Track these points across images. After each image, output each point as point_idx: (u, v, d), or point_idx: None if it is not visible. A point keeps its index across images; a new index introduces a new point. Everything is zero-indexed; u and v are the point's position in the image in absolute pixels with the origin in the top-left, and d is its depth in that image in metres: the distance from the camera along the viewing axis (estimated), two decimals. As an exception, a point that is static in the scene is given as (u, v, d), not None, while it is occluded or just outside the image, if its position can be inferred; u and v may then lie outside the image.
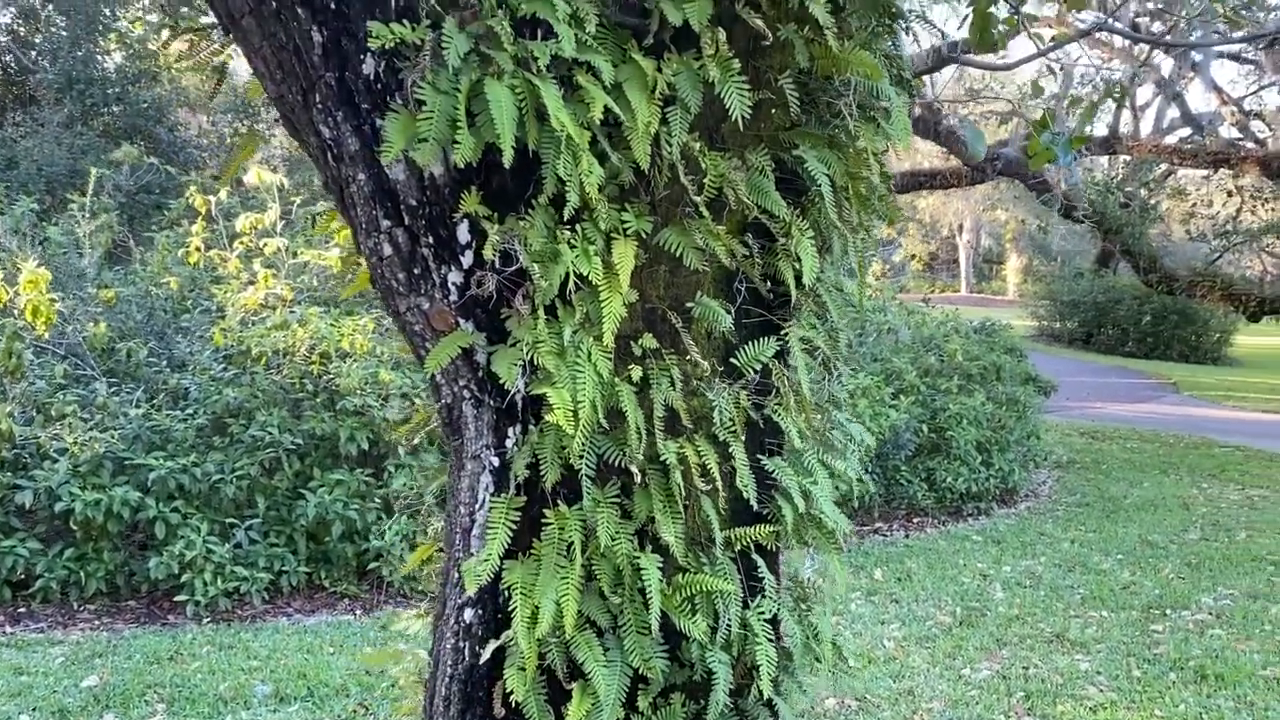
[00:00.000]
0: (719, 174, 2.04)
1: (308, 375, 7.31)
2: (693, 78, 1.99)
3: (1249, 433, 14.22)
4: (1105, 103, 10.83)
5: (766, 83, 2.10)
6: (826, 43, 2.00)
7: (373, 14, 1.89)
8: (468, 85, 1.82)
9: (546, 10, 1.87)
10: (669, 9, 1.94)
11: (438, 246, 2.02)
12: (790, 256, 2.19)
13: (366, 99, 1.93)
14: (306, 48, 1.91)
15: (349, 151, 1.98)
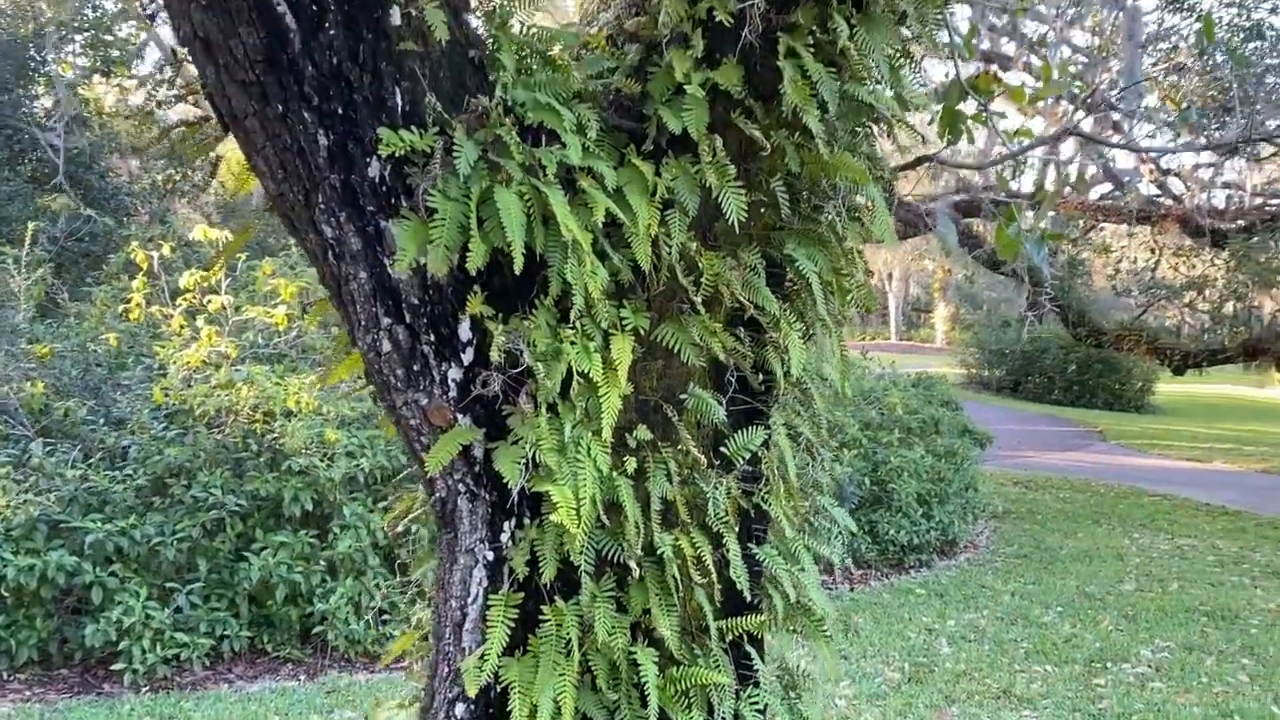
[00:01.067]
0: (715, 273, 2.09)
1: (251, 434, 7.18)
2: (690, 182, 2.04)
3: (1175, 481, 14.65)
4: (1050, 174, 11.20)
5: (758, 184, 2.17)
6: (816, 149, 2.07)
7: (379, 119, 1.91)
8: (478, 193, 1.85)
9: (553, 120, 1.91)
10: (669, 117, 2.00)
11: (439, 344, 2.04)
12: (779, 349, 2.24)
13: (372, 201, 1.94)
14: (312, 150, 1.92)
15: (351, 250, 1.99)
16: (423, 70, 1.94)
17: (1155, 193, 15.42)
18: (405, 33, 1.91)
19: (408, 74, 1.93)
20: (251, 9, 1.81)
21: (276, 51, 1.84)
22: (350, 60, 1.87)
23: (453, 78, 2.02)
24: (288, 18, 1.82)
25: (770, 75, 2.09)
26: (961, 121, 2.63)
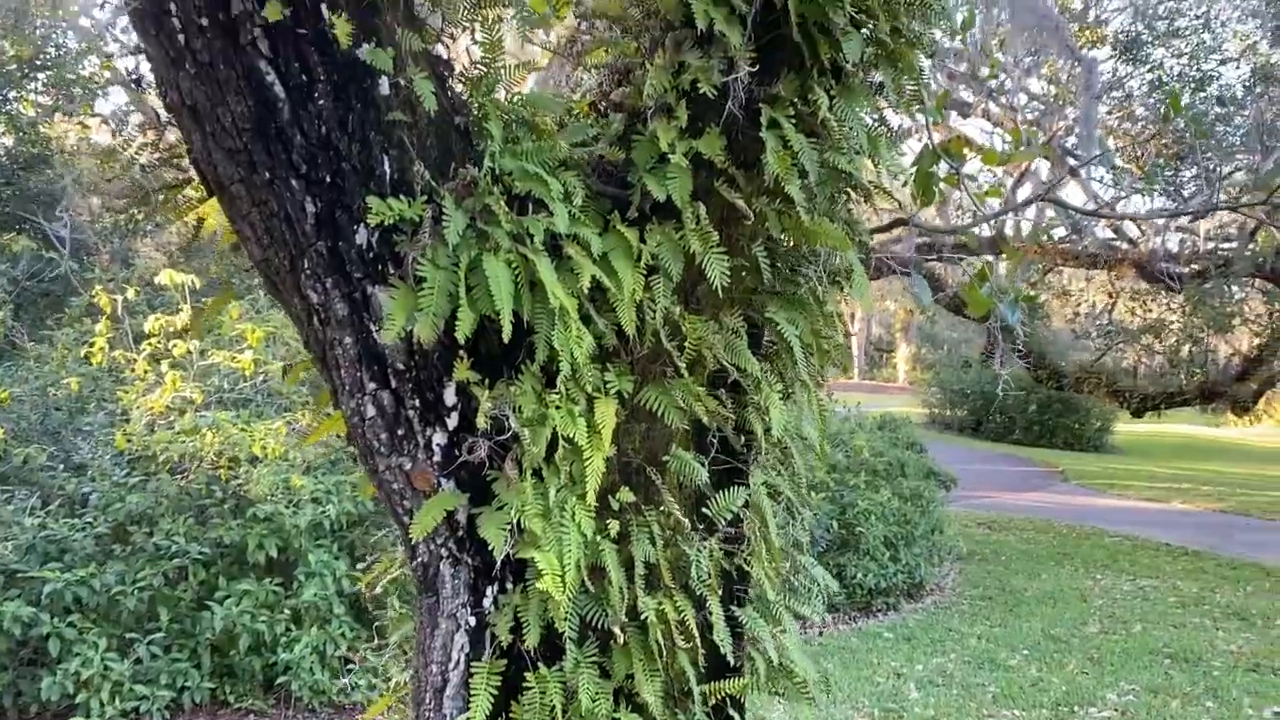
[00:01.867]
0: (698, 337, 2.12)
1: (215, 481, 7.09)
2: (674, 248, 2.07)
3: (1135, 521, 14.81)
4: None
5: (739, 249, 2.20)
6: (797, 216, 2.11)
7: (368, 187, 1.92)
8: (466, 261, 1.86)
9: (541, 189, 1.93)
10: (654, 186, 2.03)
11: (423, 409, 2.03)
12: (760, 409, 2.26)
13: (359, 267, 1.95)
14: (299, 217, 1.92)
15: (337, 316, 1.99)
16: (410, 139, 1.96)
17: (1111, 236, 15.74)
18: (394, 102, 1.93)
19: (396, 143, 1.94)
20: (240, 79, 1.82)
21: (265, 120, 1.85)
22: (339, 129, 1.88)
23: (439, 145, 2.03)
24: (277, 87, 1.83)
25: (751, 144, 2.13)
26: (935, 184, 2.68)
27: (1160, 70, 14.96)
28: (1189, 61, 15.22)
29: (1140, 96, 15.62)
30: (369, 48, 1.85)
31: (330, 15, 1.81)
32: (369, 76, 1.89)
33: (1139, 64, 15.15)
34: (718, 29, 1.99)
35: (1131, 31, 14.91)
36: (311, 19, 1.81)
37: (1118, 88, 15.47)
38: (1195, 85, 15.00)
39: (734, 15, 2.02)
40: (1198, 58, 15.43)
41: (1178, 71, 15.21)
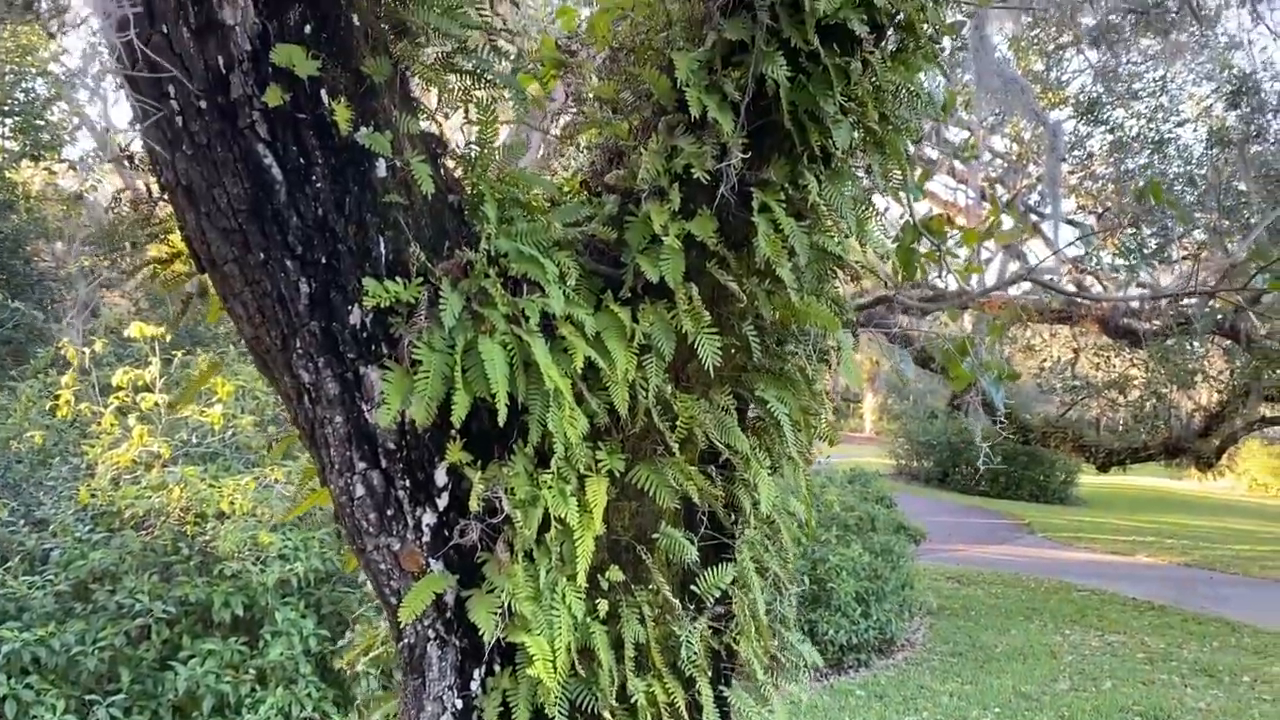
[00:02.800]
0: (689, 416, 2.12)
1: (182, 537, 6.97)
2: (666, 328, 2.08)
3: (1102, 575, 14.90)
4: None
5: (729, 328, 2.21)
6: (788, 296, 2.13)
7: (363, 268, 1.92)
8: (462, 344, 1.86)
9: (537, 271, 1.94)
10: (647, 267, 2.04)
11: (414, 489, 2.02)
12: (749, 486, 2.27)
13: (352, 348, 1.94)
14: (292, 297, 1.92)
15: (328, 395, 1.98)
16: (406, 220, 1.97)
17: (1074, 291, 15.99)
18: (390, 184, 1.94)
19: (391, 224, 1.95)
20: (238, 160, 1.83)
21: (261, 202, 1.85)
22: (336, 211, 1.89)
23: (434, 225, 2.04)
24: (274, 170, 1.84)
25: (742, 225, 2.16)
26: (916, 260, 2.72)
27: (1121, 131, 15.36)
28: (1148, 123, 15.62)
29: (1101, 156, 15.97)
30: (368, 132, 1.86)
31: (330, 101, 1.82)
32: (366, 159, 1.90)
33: (1099, 124, 15.51)
34: (710, 115, 2.02)
35: (1092, 93, 15.27)
36: (311, 104, 1.82)
37: (1078, 147, 15.81)
38: (1154, 146, 15.40)
39: (725, 102, 2.05)
40: (1155, 119, 15.83)
41: (1136, 132, 15.62)
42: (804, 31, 2.00)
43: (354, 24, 1.89)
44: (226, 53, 1.76)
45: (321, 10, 1.82)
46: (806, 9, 1.97)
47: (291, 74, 1.77)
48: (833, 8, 1.96)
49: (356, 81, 1.88)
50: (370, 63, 1.88)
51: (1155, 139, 15.41)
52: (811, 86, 2.05)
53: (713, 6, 2.05)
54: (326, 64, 1.81)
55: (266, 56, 1.77)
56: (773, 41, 2.02)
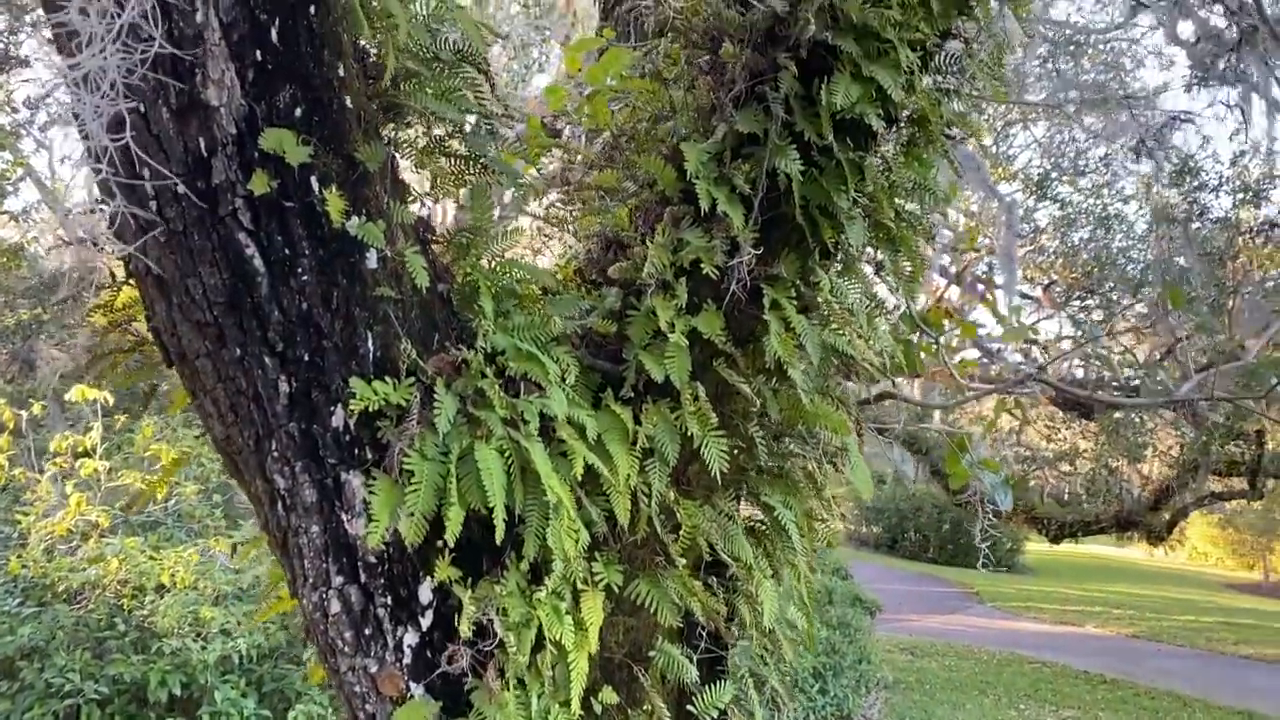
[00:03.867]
0: (693, 525, 1.99)
1: (118, 611, 6.62)
2: (671, 430, 1.96)
3: (1053, 647, 14.86)
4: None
5: (734, 428, 2.09)
6: (797, 397, 2.02)
7: (349, 366, 1.78)
8: (458, 451, 1.72)
9: (537, 369, 1.81)
10: (651, 365, 1.92)
11: (395, 606, 1.85)
12: (750, 598, 2.13)
13: (334, 452, 1.79)
14: (270, 396, 1.76)
15: (304, 503, 1.82)
16: (396, 313, 1.83)
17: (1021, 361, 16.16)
18: (381, 276, 1.80)
19: (381, 318, 1.81)
20: (217, 250, 1.68)
21: (240, 294, 1.70)
22: (322, 306, 1.74)
23: (423, 317, 1.91)
24: (257, 261, 1.69)
25: (748, 321, 2.05)
26: (914, 354, 2.64)
27: (1070, 206, 15.70)
28: (1094, 199, 16.01)
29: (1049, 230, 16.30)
30: (359, 221, 1.73)
31: (320, 189, 1.69)
32: (357, 250, 1.77)
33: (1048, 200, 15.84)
34: (720, 209, 1.92)
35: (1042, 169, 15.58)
36: (300, 192, 1.69)
37: (1026, 220, 16.12)
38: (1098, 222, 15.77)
39: (735, 195, 1.95)
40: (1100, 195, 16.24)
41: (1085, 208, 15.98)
42: (819, 125, 1.92)
43: (346, 106, 1.76)
44: (209, 135, 1.62)
45: (314, 92, 1.69)
46: (823, 103, 1.89)
47: (279, 159, 1.64)
48: (849, 102, 1.88)
49: (348, 168, 1.75)
50: (364, 149, 1.75)
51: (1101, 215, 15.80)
52: (825, 181, 1.96)
53: (724, 97, 1.96)
54: (317, 149, 1.68)
55: (252, 140, 1.64)
56: (785, 135, 1.94)
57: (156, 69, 1.56)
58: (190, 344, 1.77)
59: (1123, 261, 15.75)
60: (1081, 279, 15.77)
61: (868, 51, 1.92)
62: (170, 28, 1.55)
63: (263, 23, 1.62)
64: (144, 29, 1.44)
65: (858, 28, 1.91)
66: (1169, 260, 15.26)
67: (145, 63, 1.44)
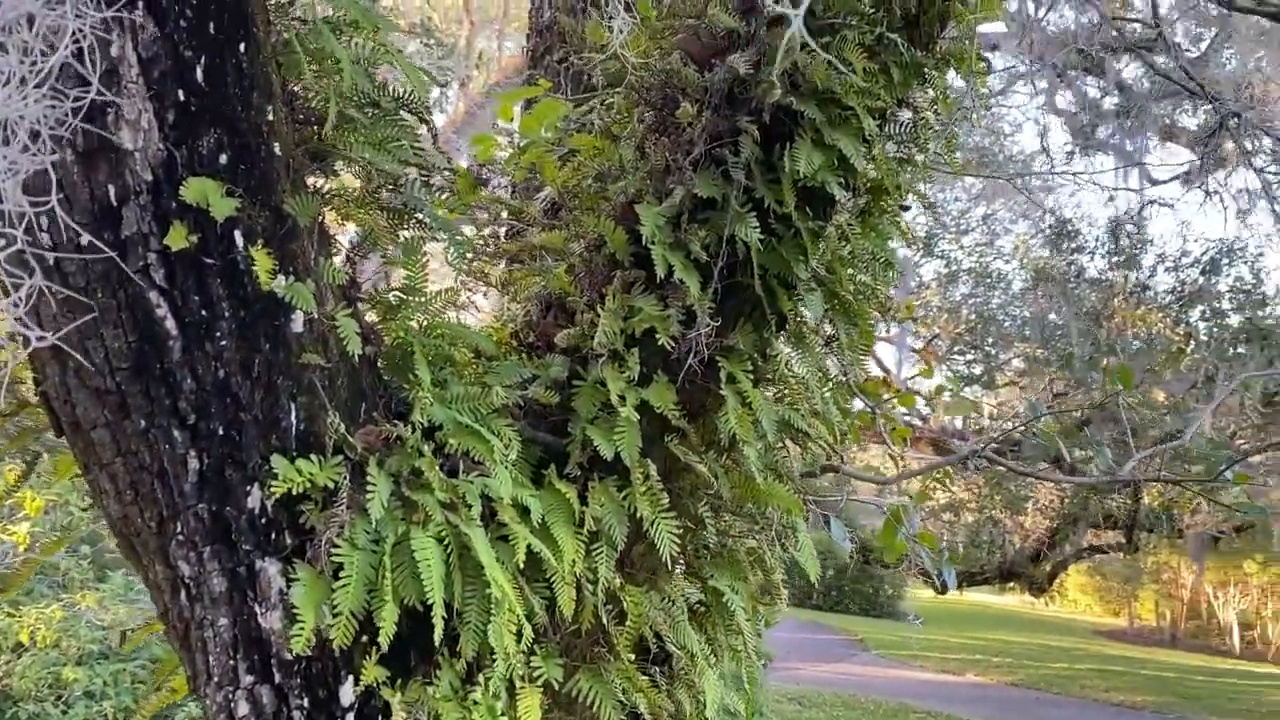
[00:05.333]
0: (639, 613, 1.85)
1: (-32, 674, 6.09)
2: (619, 511, 1.82)
3: (937, 695, 15.05)
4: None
5: (683, 508, 1.97)
6: (750, 474, 1.91)
7: (269, 441, 1.59)
8: (392, 539, 1.55)
9: (480, 446, 1.66)
10: (601, 441, 1.79)
11: (313, 708, 1.66)
12: (692, 688, 2.00)
13: (248, 537, 1.60)
14: (177, 473, 1.57)
15: (212, 592, 1.62)
16: (322, 381, 1.66)
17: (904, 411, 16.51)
18: (307, 341, 1.63)
19: (306, 388, 1.63)
20: (123, 309, 1.49)
21: (148, 360, 1.51)
22: (241, 374, 1.56)
23: (350, 385, 1.74)
24: (169, 322, 1.50)
25: (698, 393, 1.94)
26: (850, 421, 2.57)
27: (953, 264, 16.22)
28: (977, 259, 16.58)
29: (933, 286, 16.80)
30: (286, 281, 1.56)
31: (245, 244, 1.51)
32: (282, 313, 1.59)
33: (933, 257, 16.34)
34: (677, 276, 1.81)
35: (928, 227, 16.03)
36: (221, 247, 1.51)
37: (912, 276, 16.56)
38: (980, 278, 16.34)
39: (691, 261, 1.85)
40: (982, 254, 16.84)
41: (968, 266, 16.53)
42: (779, 192, 1.83)
43: (275, 154, 1.60)
44: (120, 182, 1.44)
45: (241, 138, 1.52)
46: (785, 169, 1.80)
47: (201, 211, 1.46)
48: (811, 169, 1.80)
49: (276, 221, 1.58)
50: (294, 200, 1.59)
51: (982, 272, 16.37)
52: (783, 250, 1.87)
53: (681, 159, 1.85)
54: (244, 201, 1.51)
55: (170, 189, 1.46)
56: (745, 201, 1.84)
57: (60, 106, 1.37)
58: (86, 413, 1.57)
59: (1002, 317, 16.33)
60: (963, 333, 16.27)
61: (830, 118, 1.84)
62: (80, 61, 1.37)
63: (187, 60, 1.45)
64: (74, 69, 1.26)
65: (820, 93, 1.84)
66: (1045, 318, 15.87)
67: (78, 112, 1.26)
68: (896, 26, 1.93)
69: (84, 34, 1.22)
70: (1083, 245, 14.96)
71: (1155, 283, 14.22)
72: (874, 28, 1.90)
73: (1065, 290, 14.47)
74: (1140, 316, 14.10)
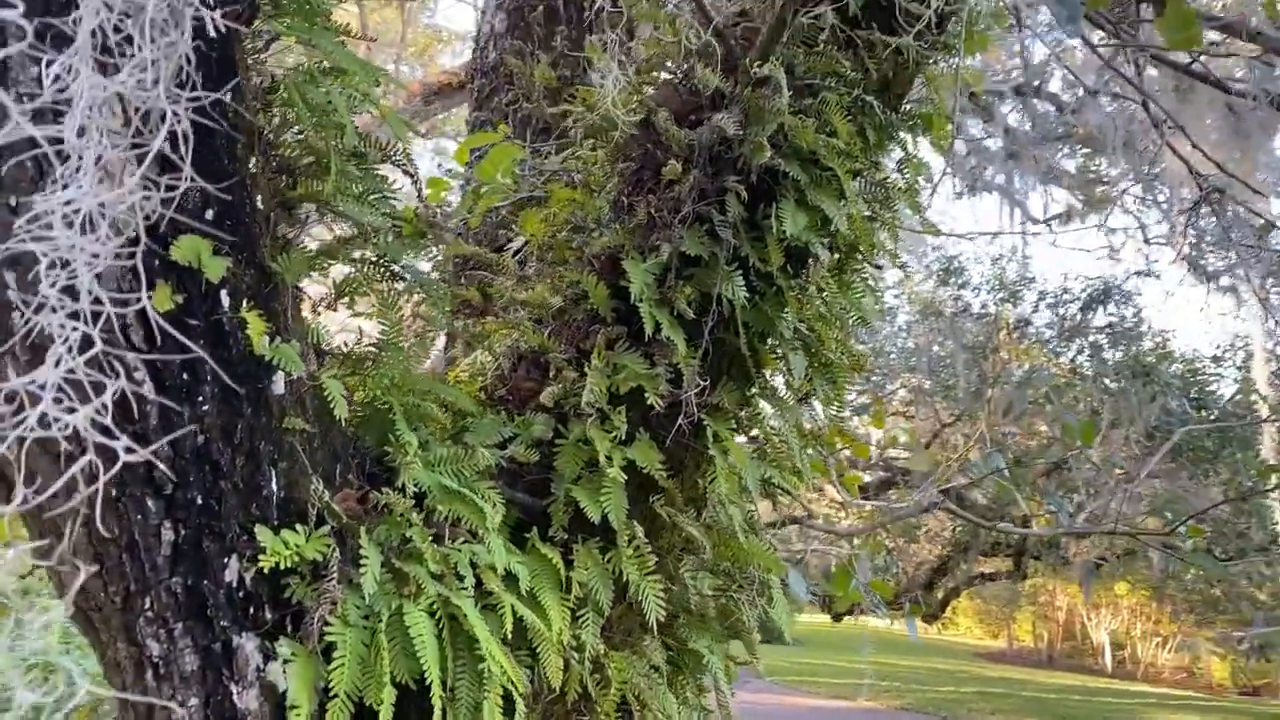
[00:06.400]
0: (623, 680, 1.81)
1: None
2: (605, 575, 1.78)
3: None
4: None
5: (663, 568, 1.94)
6: (734, 534, 1.90)
7: (249, 510, 1.50)
8: (386, 615, 1.47)
9: (471, 512, 1.60)
10: (587, 502, 1.75)
11: (291, 792, 1.56)
12: (667, 752, 1.96)
13: (226, 613, 1.50)
14: (149, 545, 1.46)
15: (183, 671, 1.51)
16: (303, 446, 1.58)
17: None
18: (289, 404, 1.55)
19: (286, 453, 1.55)
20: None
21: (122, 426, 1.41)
22: (223, 440, 1.47)
23: (325, 448, 1.66)
24: (146, 386, 1.41)
25: (679, 450, 1.92)
26: (804, 467, 2.58)
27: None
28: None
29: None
30: (272, 342, 1.48)
31: (232, 305, 1.43)
32: (265, 375, 1.51)
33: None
34: (664, 334, 1.79)
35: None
36: (206, 308, 1.42)
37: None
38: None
39: (677, 319, 1.83)
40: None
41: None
42: (764, 251, 1.83)
43: (258, 207, 1.52)
44: (101, 238, 1.34)
45: (226, 191, 1.44)
46: (772, 230, 1.80)
47: (184, 269, 1.38)
48: (797, 230, 1.80)
49: (261, 280, 1.50)
50: (281, 258, 1.51)
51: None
52: (768, 309, 1.87)
53: (669, 217, 1.83)
54: (231, 259, 1.43)
55: (154, 244, 1.37)
56: (732, 259, 1.83)
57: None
58: (46, 480, 1.45)
59: (889, 349, 16.79)
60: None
61: (813, 179, 1.85)
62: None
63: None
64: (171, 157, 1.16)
65: (803, 154, 1.85)
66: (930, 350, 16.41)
67: (171, 203, 1.17)
68: (873, 89, 1.96)
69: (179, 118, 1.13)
70: (967, 281, 15.53)
71: (1036, 318, 14.85)
72: (852, 89, 1.92)
73: (953, 325, 14.98)
74: (1023, 351, 14.69)
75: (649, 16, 2.11)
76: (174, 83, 1.19)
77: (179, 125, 1.18)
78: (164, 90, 1.15)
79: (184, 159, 1.21)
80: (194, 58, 1.35)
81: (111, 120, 1.15)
